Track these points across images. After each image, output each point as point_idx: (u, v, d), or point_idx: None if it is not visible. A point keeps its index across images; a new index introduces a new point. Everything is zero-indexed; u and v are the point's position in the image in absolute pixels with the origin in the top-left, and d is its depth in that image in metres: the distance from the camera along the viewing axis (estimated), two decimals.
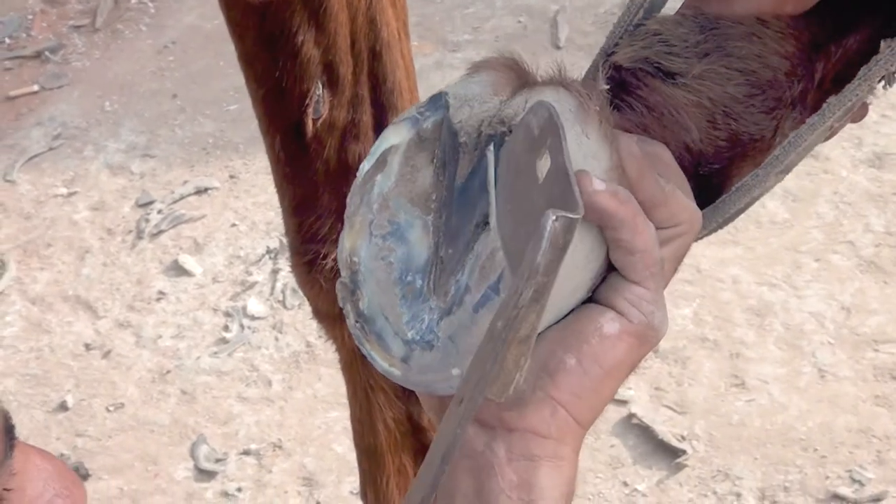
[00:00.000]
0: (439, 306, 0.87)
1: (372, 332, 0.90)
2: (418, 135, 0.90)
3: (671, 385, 2.56)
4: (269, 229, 3.02)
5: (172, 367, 2.78)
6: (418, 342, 0.88)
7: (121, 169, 3.28)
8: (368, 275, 0.90)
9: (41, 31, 3.72)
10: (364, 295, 0.90)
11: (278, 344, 2.79)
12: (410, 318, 0.89)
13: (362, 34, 1.36)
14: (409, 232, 0.90)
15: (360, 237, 0.91)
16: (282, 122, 1.40)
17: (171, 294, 2.94)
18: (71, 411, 2.72)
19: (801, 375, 2.55)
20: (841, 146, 2.95)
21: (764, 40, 0.99)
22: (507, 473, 0.87)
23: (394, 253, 0.90)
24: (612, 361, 0.88)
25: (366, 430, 1.65)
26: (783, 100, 1.01)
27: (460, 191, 0.88)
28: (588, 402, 0.89)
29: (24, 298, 2.98)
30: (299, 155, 1.41)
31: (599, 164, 0.86)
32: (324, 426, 2.62)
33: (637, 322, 0.89)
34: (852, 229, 2.79)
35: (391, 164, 0.90)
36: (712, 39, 0.98)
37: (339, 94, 1.37)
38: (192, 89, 3.47)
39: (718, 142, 0.99)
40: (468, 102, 0.89)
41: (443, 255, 0.88)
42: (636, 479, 2.44)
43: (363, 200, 0.91)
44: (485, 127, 0.87)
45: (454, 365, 0.86)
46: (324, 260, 1.48)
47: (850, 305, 2.65)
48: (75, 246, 3.09)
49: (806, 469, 2.40)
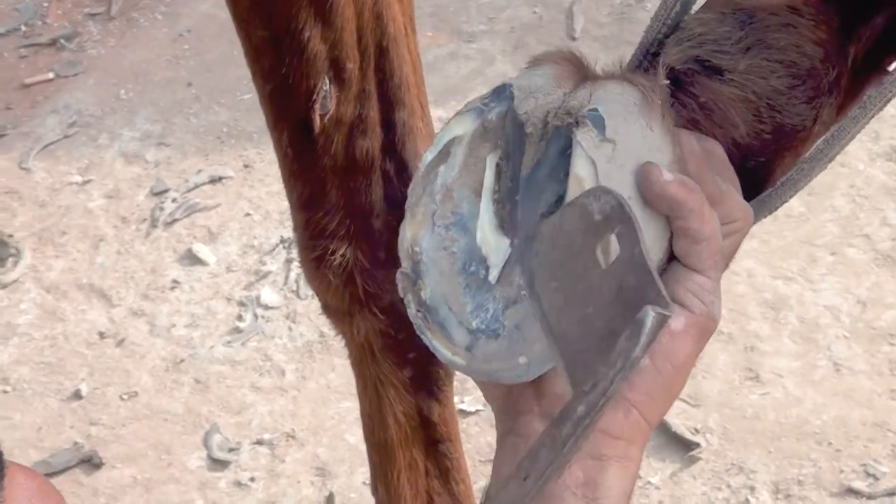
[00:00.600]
0: (504, 296, 0.88)
1: (434, 321, 0.91)
2: (483, 125, 0.91)
3: None
4: (282, 219, 3.02)
5: (186, 357, 2.78)
6: (483, 331, 0.89)
7: (135, 157, 3.28)
8: (431, 265, 0.91)
9: (56, 19, 3.72)
10: (426, 285, 0.91)
11: (292, 334, 2.79)
12: (475, 307, 0.89)
13: (369, 29, 1.35)
14: (473, 223, 0.90)
15: (423, 227, 0.91)
16: (289, 118, 1.40)
17: (185, 283, 2.94)
18: (85, 399, 2.73)
19: (816, 369, 2.54)
20: (858, 140, 2.91)
21: (799, 29, 1.01)
22: (575, 471, 0.88)
23: (457, 243, 0.90)
24: (682, 357, 0.90)
25: (376, 425, 1.65)
26: (821, 87, 1.03)
27: (526, 180, 0.89)
28: (659, 401, 0.90)
29: (38, 286, 2.99)
30: (307, 151, 1.41)
31: (663, 156, 0.87)
32: (337, 416, 2.62)
33: (699, 313, 0.90)
34: (868, 223, 2.78)
35: (455, 155, 0.91)
36: (752, 34, 1.00)
37: (346, 90, 1.37)
38: (207, 78, 3.47)
39: (764, 135, 1.01)
40: (532, 94, 0.90)
41: None
42: (649, 472, 2.43)
43: (426, 191, 0.91)
44: (551, 118, 0.88)
45: (521, 353, 0.87)
46: (332, 256, 1.47)
47: (866, 299, 2.63)
48: (90, 234, 3.10)
49: (820, 463, 2.39)
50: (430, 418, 1.65)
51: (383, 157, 1.42)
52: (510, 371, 0.88)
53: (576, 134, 0.86)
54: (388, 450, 1.67)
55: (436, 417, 1.65)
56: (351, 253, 1.47)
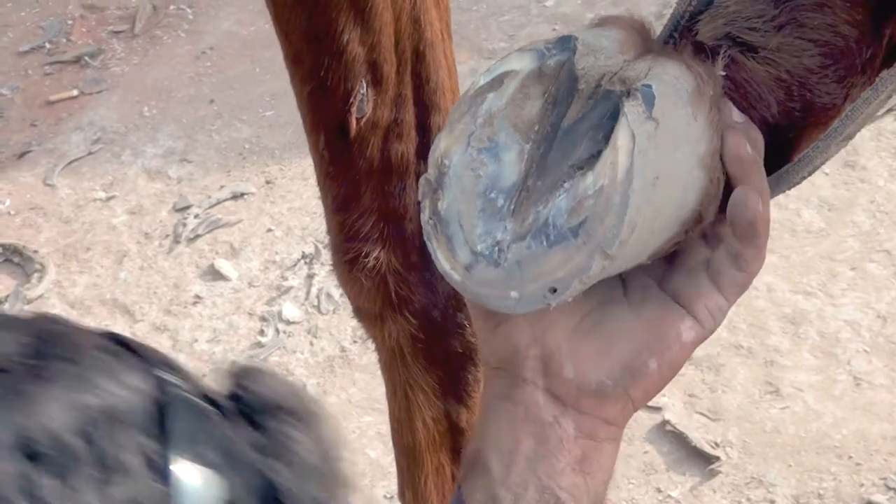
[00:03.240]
0: (514, 230, 0.91)
1: (443, 233, 0.93)
2: (540, 68, 0.93)
3: (705, 392, 2.56)
4: (304, 234, 3.03)
5: (208, 371, 2.79)
6: (486, 256, 0.91)
7: (158, 174, 3.30)
8: (455, 180, 0.93)
9: (81, 37, 3.75)
10: (445, 196, 0.93)
11: (313, 348, 2.80)
12: (484, 231, 0.92)
13: (406, 34, 1.37)
14: (505, 153, 0.93)
15: (457, 144, 0.94)
16: (326, 121, 1.41)
17: (208, 298, 2.96)
18: None
19: (836, 383, 2.54)
20: (878, 155, 2.94)
21: (834, 10, 1.01)
22: (574, 448, 0.94)
23: (485, 168, 0.93)
24: (681, 364, 0.95)
25: (404, 430, 1.66)
26: (854, 67, 1.03)
27: (565, 131, 0.91)
28: (648, 397, 0.96)
29: (63, 302, 3.01)
30: (342, 153, 1.42)
31: (699, 147, 0.91)
32: (358, 430, 2.63)
33: (707, 329, 0.95)
34: (889, 238, 2.78)
35: (507, 87, 0.93)
36: (786, 12, 1.00)
37: (383, 93, 1.38)
38: (229, 95, 3.49)
39: (794, 113, 1.01)
40: (594, 52, 0.92)
41: (530, 185, 0.91)
42: (670, 486, 2.44)
43: (469, 111, 0.94)
44: (605, 81, 0.91)
45: (514, 288, 0.90)
46: (365, 258, 1.48)
47: (887, 314, 2.64)
48: (113, 250, 3.12)
49: (840, 476, 2.39)
50: (458, 424, 1.66)
51: (418, 161, 1.44)
52: (499, 301, 0.91)
53: (624, 104, 0.88)
54: (416, 454, 1.68)
55: (464, 423, 1.66)
56: (384, 256, 1.49)
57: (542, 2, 3.62)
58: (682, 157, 0.90)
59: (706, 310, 0.94)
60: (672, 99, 0.89)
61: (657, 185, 0.88)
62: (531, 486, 0.93)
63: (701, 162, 0.91)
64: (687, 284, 0.94)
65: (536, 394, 0.94)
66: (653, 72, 0.90)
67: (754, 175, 0.94)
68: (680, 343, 0.93)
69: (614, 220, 0.87)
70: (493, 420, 0.96)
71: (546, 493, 0.93)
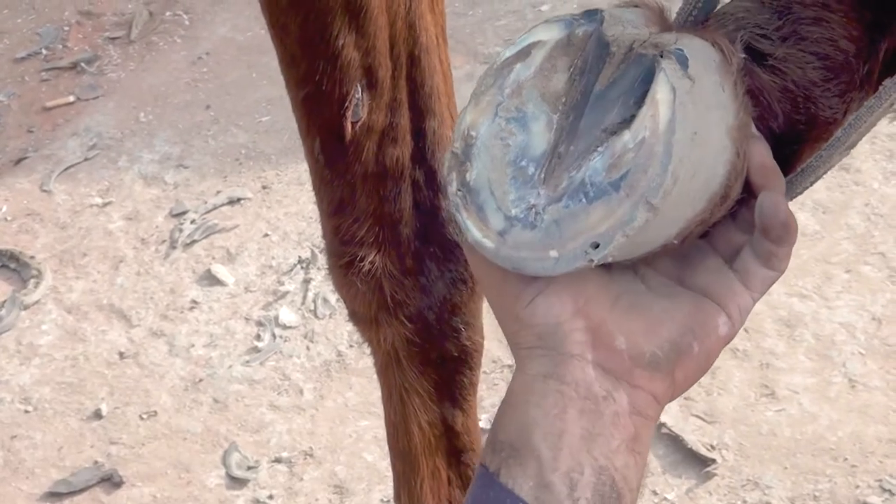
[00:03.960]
0: (548, 194, 0.91)
1: (473, 202, 0.93)
2: (568, 38, 0.94)
3: (701, 395, 2.56)
4: (300, 239, 3.03)
5: (205, 376, 2.79)
6: (521, 220, 0.91)
7: (155, 179, 3.30)
8: (483, 150, 0.93)
9: (77, 43, 3.75)
10: (474, 167, 0.93)
11: (310, 353, 2.80)
12: (516, 197, 0.92)
13: (401, 39, 1.37)
14: (534, 123, 0.93)
15: (485, 115, 0.94)
16: (321, 125, 1.41)
17: (204, 303, 2.96)
18: (105, 419, 2.74)
19: (831, 385, 2.54)
20: (873, 158, 2.94)
21: (831, 24, 1.03)
22: (628, 425, 0.92)
23: (513, 137, 0.93)
24: (712, 361, 0.96)
25: (400, 434, 1.66)
26: (853, 82, 1.05)
27: (597, 96, 0.92)
28: (681, 387, 0.95)
29: (59, 307, 3.01)
30: (338, 158, 1.43)
31: (728, 116, 0.92)
32: (354, 435, 2.63)
33: (735, 330, 0.96)
34: (883, 241, 2.78)
35: (534, 57, 0.94)
36: (789, 24, 1.02)
37: (378, 98, 1.38)
38: (225, 101, 3.49)
39: (799, 126, 1.03)
40: (622, 23, 0.94)
41: (561, 151, 0.91)
42: (666, 488, 2.44)
43: (496, 83, 0.94)
44: (637, 45, 0.92)
45: (553, 247, 0.90)
46: (361, 262, 1.48)
47: (881, 316, 2.64)
48: (110, 255, 3.12)
49: (836, 478, 2.39)
50: (453, 427, 1.66)
51: (413, 166, 1.44)
52: (537, 262, 0.90)
53: (661, 62, 0.89)
54: (412, 458, 1.68)
55: (459, 427, 1.66)
56: (380, 260, 1.49)
57: (538, 7, 3.62)
58: (714, 120, 0.91)
59: (738, 309, 0.95)
60: (703, 64, 0.91)
61: (695, 141, 0.89)
62: (587, 469, 0.89)
63: (729, 132, 0.92)
64: (717, 283, 0.95)
65: (587, 368, 0.91)
66: (681, 41, 0.92)
67: (778, 184, 0.96)
68: (717, 334, 0.94)
69: (658, 168, 0.87)
70: (535, 401, 0.91)
71: (603, 475, 0.89)
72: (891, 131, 2.98)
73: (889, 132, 2.98)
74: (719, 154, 0.91)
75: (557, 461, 0.89)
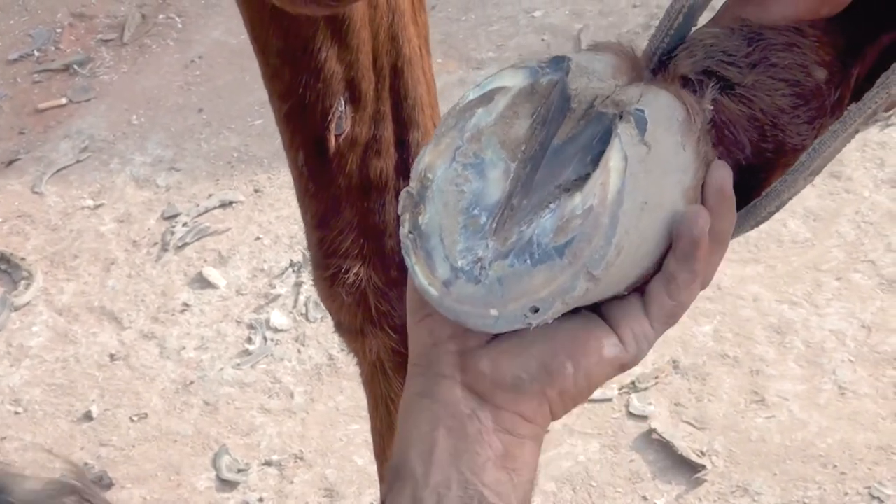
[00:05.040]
0: (496, 248, 0.90)
1: (422, 248, 0.92)
2: (532, 86, 0.93)
3: (691, 401, 2.56)
4: (292, 243, 3.03)
5: (196, 379, 2.79)
6: (466, 273, 0.90)
7: (147, 182, 3.30)
8: (438, 194, 0.92)
9: (69, 45, 3.74)
10: (427, 210, 0.92)
11: (301, 356, 2.80)
12: (465, 248, 0.91)
13: (384, 51, 1.36)
14: (491, 170, 0.92)
15: (442, 158, 0.93)
16: (305, 138, 1.41)
17: (196, 306, 2.95)
18: (95, 421, 2.74)
19: (821, 392, 2.54)
20: (864, 166, 2.94)
21: (803, 49, 1.02)
22: (494, 441, 0.94)
23: (469, 184, 0.92)
24: (598, 380, 0.95)
25: (386, 444, 1.65)
26: (823, 108, 1.04)
27: (554, 151, 0.91)
28: (567, 404, 0.96)
29: (50, 309, 3.00)
30: (322, 170, 1.42)
31: (686, 177, 0.91)
32: (345, 438, 2.62)
33: (631, 355, 0.95)
34: (874, 248, 2.78)
35: (496, 103, 0.93)
36: (758, 51, 1.01)
37: (362, 111, 1.38)
38: (217, 104, 3.49)
39: (766, 154, 1.02)
40: (588, 74, 0.93)
41: (514, 203, 0.91)
42: (655, 494, 2.43)
43: (457, 125, 0.93)
44: (598, 102, 0.91)
45: (494, 306, 0.89)
46: (345, 274, 1.48)
47: (871, 324, 2.64)
48: (101, 257, 3.11)
49: (825, 485, 2.39)
50: None
51: (397, 177, 1.43)
52: (478, 318, 0.90)
53: (618, 126, 0.88)
54: None
55: None
56: (364, 272, 1.48)
57: (531, 12, 3.61)
58: (668, 186, 0.90)
59: (632, 333, 0.94)
60: (663, 126, 0.90)
61: (644, 211, 0.87)
62: (454, 483, 0.92)
63: (685, 193, 0.91)
64: (617, 306, 0.94)
65: (455, 388, 0.94)
66: (645, 98, 0.90)
67: (728, 213, 0.94)
68: (599, 355, 0.93)
69: (602, 241, 0.86)
70: (412, 420, 0.95)
71: (469, 489, 0.92)
72: (881, 139, 2.98)
73: (880, 140, 2.98)
74: (670, 217, 0.91)
75: (428, 477, 0.93)
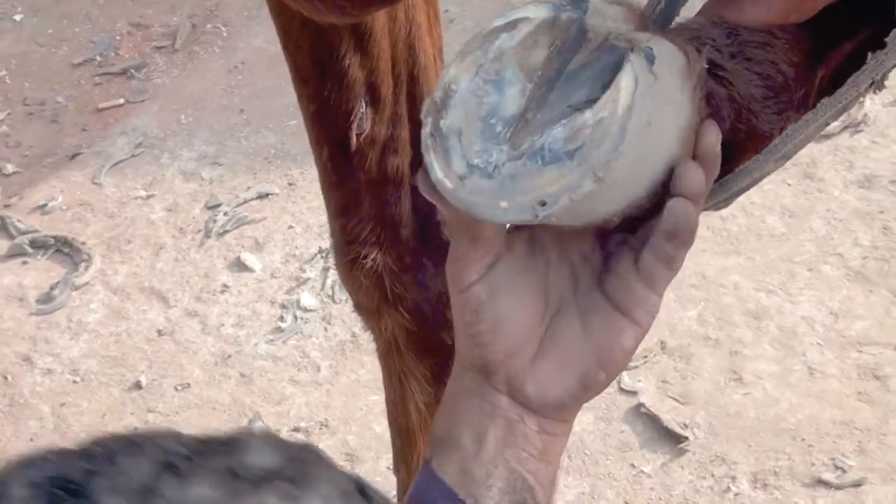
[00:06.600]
0: (509, 152, 0.90)
1: (441, 146, 0.92)
2: (553, 19, 0.94)
3: (676, 378, 2.55)
4: (321, 231, 3.02)
5: (233, 353, 2.78)
6: (481, 169, 0.90)
7: (193, 175, 3.29)
8: (460, 102, 0.92)
9: (127, 51, 3.74)
10: (448, 116, 0.92)
11: (327, 334, 2.79)
12: (481, 149, 0.91)
13: (402, 59, 1.36)
14: (509, 88, 0.93)
15: (466, 72, 0.93)
16: (329, 137, 1.40)
17: (234, 287, 2.95)
18: (144, 390, 2.73)
19: (792, 372, 2.53)
20: (834, 168, 2.92)
21: (775, 49, 1.02)
22: (536, 442, 0.95)
23: (489, 97, 0.92)
24: (623, 366, 0.97)
25: (399, 413, 1.65)
26: (791, 102, 1.04)
27: (569, 75, 0.92)
28: (596, 395, 0.97)
29: (106, 289, 3.00)
30: (344, 166, 1.41)
31: (681, 116, 0.92)
32: (365, 408, 2.61)
33: (645, 327, 0.95)
34: (842, 243, 2.76)
35: (520, 30, 0.93)
36: (736, 44, 1.02)
37: (381, 112, 1.37)
38: (257, 105, 3.48)
39: (740, 135, 1.02)
40: (602, 15, 0.94)
41: (528, 117, 0.91)
42: (643, 462, 2.42)
43: (482, 46, 0.94)
44: (612, 37, 0.92)
45: (505, 199, 0.89)
46: (364, 259, 1.47)
47: (838, 311, 2.62)
48: (151, 243, 3.10)
49: (794, 456, 2.38)
50: None
51: (412, 173, 1.43)
52: (488, 209, 0.90)
53: (630, 55, 0.89)
54: (410, 435, 1.67)
55: None
56: (381, 257, 1.48)
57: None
58: (668, 116, 0.91)
59: (646, 313, 0.94)
60: (667, 66, 0.91)
61: (648, 130, 0.88)
62: (501, 465, 0.94)
63: (680, 131, 0.92)
64: (623, 290, 0.94)
65: (503, 399, 0.95)
66: (653, 41, 0.91)
67: (712, 171, 0.94)
68: (623, 351, 0.94)
69: (609, 146, 0.87)
70: (462, 409, 0.96)
71: (514, 473, 0.94)
72: (851, 144, 2.96)
73: (849, 145, 2.96)
74: (667, 146, 0.92)
75: (479, 454, 0.94)
